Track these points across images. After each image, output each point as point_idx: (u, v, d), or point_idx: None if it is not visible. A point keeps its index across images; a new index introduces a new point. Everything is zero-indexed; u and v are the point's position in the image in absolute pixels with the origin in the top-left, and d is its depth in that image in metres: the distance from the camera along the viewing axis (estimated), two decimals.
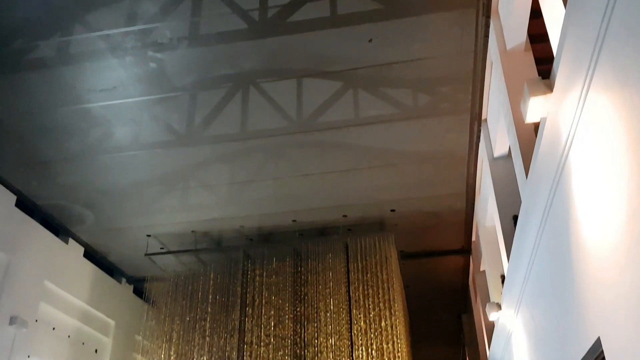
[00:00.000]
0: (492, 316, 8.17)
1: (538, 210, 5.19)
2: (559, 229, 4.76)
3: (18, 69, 7.45)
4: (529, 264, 6.16)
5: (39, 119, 8.35)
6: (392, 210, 10.83)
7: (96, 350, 12.40)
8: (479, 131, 8.69)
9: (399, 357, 9.87)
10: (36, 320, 10.31)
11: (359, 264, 10.73)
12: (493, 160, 8.24)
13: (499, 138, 7.85)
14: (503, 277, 9.08)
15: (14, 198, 9.90)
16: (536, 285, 6.12)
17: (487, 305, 8.25)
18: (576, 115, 3.89)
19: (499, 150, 8.09)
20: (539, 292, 5.99)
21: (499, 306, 8.02)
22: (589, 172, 3.80)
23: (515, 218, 6.77)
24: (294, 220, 11.13)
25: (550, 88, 4.42)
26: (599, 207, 3.66)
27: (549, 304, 5.55)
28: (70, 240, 11.56)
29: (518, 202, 6.24)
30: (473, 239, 12.06)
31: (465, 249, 12.65)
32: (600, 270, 3.78)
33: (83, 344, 11.96)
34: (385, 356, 9.82)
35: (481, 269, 11.64)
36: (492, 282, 9.53)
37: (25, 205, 10.27)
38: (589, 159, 3.78)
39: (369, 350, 9.92)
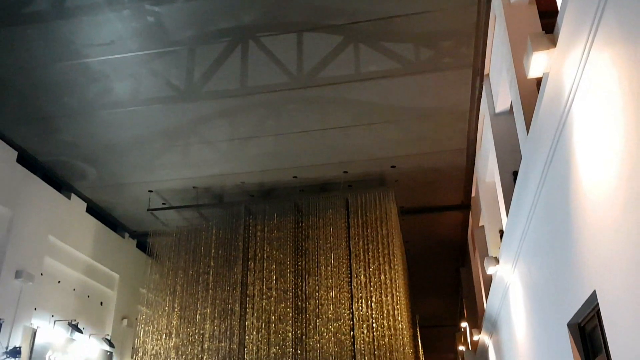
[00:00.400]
0: (490, 270, 8.31)
1: (538, 166, 5.21)
2: (558, 184, 4.79)
3: (14, 23, 7.33)
4: (527, 219, 6.22)
5: (38, 75, 8.28)
6: (393, 167, 10.86)
7: (101, 303, 12.67)
8: (481, 86, 8.63)
9: (397, 309, 10.08)
10: (41, 274, 10.50)
11: (359, 220, 10.83)
12: (494, 116, 8.21)
13: (500, 93, 7.80)
14: (501, 232, 9.19)
15: (15, 154, 9.92)
16: (534, 240, 6.20)
17: (485, 259, 8.38)
18: (579, 70, 3.86)
19: (501, 105, 8.05)
20: (537, 247, 6.08)
21: (497, 260, 8.14)
22: (590, 129, 3.80)
23: (515, 174, 6.80)
24: (294, 177, 11.17)
25: (553, 42, 4.37)
26: (599, 163, 3.67)
27: (546, 258, 5.64)
28: (73, 196, 11.65)
29: (518, 158, 6.25)
30: (473, 194, 12.13)
31: (465, 204, 12.74)
32: (597, 225, 3.83)
33: (88, 296, 12.21)
34: (384, 308, 10.03)
35: (480, 224, 11.76)
36: (491, 237, 9.65)
37: (26, 161, 10.30)
38: (590, 115, 3.77)
39: (369, 302, 10.12)
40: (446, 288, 18.64)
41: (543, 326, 6.06)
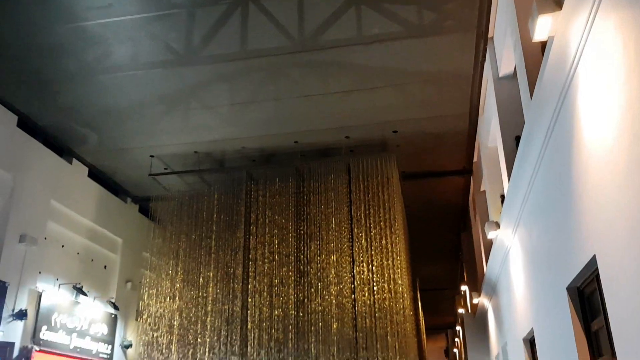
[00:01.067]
0: (491, 235, 8.36)
1: (541, 131, 5.17)
2: (560, 149, 4.77)
3: None
4: (529, 184, 6.22)
5: (37, 38, 8.17)
6: (395, 132, 10.81)
7: (105, 267, 12.81)
8: (485, 50, 8.51)
9: (398, 272, 10.18)
10: (45, 238, 10.58)
11: (361, 185, 10.83)
12: (498, 80, 8.12)
13: (504, 57, 7.69)
14: (503, 197, 9.20)
15: (15, 118, 9.88)
16: (535, 205, 6.21)
17: (486, 224, 8.42)
18: (585, 34, 3.79)
19: (504, 69, 7.95)
20: (538, 212, 6.09)
21: (497, 225, 8.18)
22: (594, 93, 3.76)
23: (518, 139, 6.77)
24: (295, 142, 11.13)
25: (559, 5, 4.28)
26: (602, 127, 3.65)
27: (547, 223, 5.66)
28: (74, 161, 11.65)
29: (521, 123, 6.21)
30: (474, 159, 12.11)
31: (467, 169, 12.73)
32: (599, 189, 3.83)
33: (92, 260, 12.33)
34: (385, 272, 10.12)
35: (481, 189, 11.78)
36: (492, 201, 9.67)
37: (27, 125, 10.26)
38: (595, 79, 3.72)
39: (370, 266, 10.21)
40: (447, 252, 18.80)
41: (542, 289, 6.13)
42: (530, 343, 7.68)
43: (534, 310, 6.75)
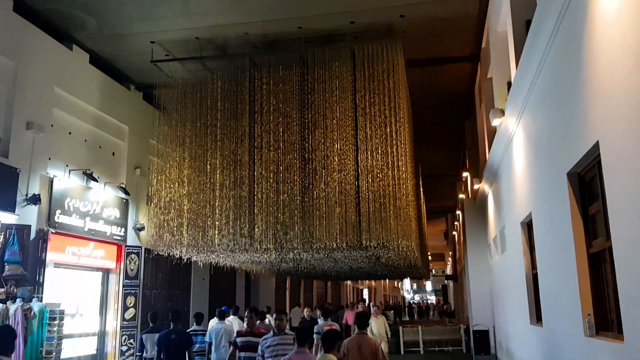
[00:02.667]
0: (495, 122, 8.40)
1: (553, 15, 5.03)
2: (572, 34, 4.67)
3: None
4: (537, 70, 6.16)
5: None
6: (402, 16, 10.47)
7: (113, 154, 13.02)
8: None
9: (402, 160, 10.33)
10: (52, 126, 10.67)
11: (366, 72, 10.66)
12: None
13: None
14: (509, 84, 9.14)
15: (10, 3, 9.58)
16: (541, 91, 6.19)
17: (491, 111, 8.43)
18: None
19: None
20: (544, 98, 6.09)
21: (502, 112, 8.19)
22: None
23: (528, 23, 6.58)
24: (299, 27, 10.83)
25: None
26: (616, 11, 3.55)
27: (552, 109, 5.68)
28: (75, 47, 11.43)
29: (533, 6, 6.01)
30: (483, 45, 11.83)
31: (474, 55, 12.48)
32: (607, 76, 3.81)
33: (100, 147, 12.51)
34: (388, 159, 10.26)
35: (488, 76, 11.64)
36: (498, 88, 9.61)
37: (23, 10, 9.95)
38: None
39: (374, 154, 10.33)
40: (450, 140, 18.92)
41: (542, 175, 6.29)
42: (528, 226, 8.00)
43: (533, 195, 6.96)
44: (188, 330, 8.95)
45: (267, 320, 12.74)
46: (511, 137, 8.31)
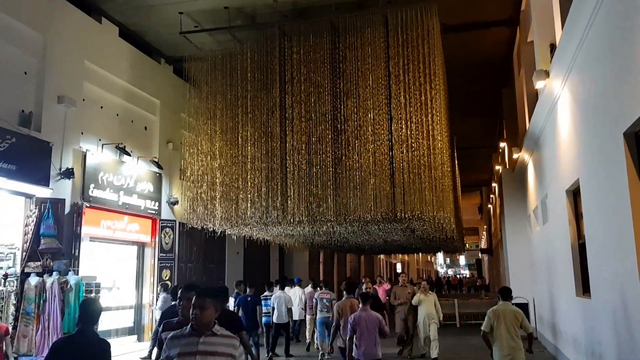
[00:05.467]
0: (539, 84, 7.97)
1: None
2: None
3: None
4: (586, 28, 5.75)
5: None
6: None
7: (145, 128, 12.99)
8: None
9: (437, 129, 9.98)
10: (83, 100, 10.65)
11: (399, 38, 10.26)
12: None
13: None
14: (552, 47, 8.68)
15: None
16: (591, 51, 5.78)
17: (535, 73, 8.00)
18: None
19: None
20: (594, 58, 5.68)
21: (547, 73, 7.75)
22: None
23: None
24: None
25: None
26: None
27: (604, 68, 5.29)
28: (104, 20, 11.34)
29: None
30: (522, 7, 11.28)
31: (513, 19, 11.92)
32: None
33: (132, 121, 12.48)
34: (423, 128, 9.92)
35: (528, 40, 11.10)
36: (541, 51, 9.12)
37: None
38: None
39: (408, 123, 10.00)
40: (485, 109, 18.31)
41: (593, 137, 5.90)
42: (574, 194, 7.62)
43: (581, 160, 6.58)
44: (261, 295, 10.86)
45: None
46: (555, 100, 7.88)
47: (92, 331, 3.86)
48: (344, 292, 7.82)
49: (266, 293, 11.33)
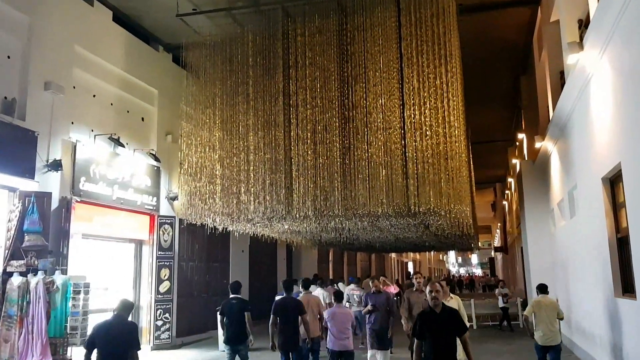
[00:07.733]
0: (571, 59, 7.15)
1: None
2: None
3: None
4: None
5: None
6: None
7: (142, 119, 12.29)
8: None
9: (454, 115, 9.18)
10: (74, 87, 9.96)
11: (412, 17, 9.47)
12: None
13: None
14: (580, 22, 7.87)
15: None
16: (635, 19, 4.96)
17: (566, 46, 7.16)
18: None
19: None
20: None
21: (580, 46, 6.92)
22: None
23: None
24: None
25: None
26: None
27: None
28: (96, 3, 10.65)
29: None
30: None
31: None
32: None
33: (128, 112, 11.79)
34: (439, 114, 9.13)
35: (552, 20, 10.26)
36: (568, 28, 8.28)
37: None
38: None
39: (422, 109, 9.21)
40: (502, 99, 17.43)
41: None
42: (611, 182, 6.78)
43: (624, 142, 5.75)
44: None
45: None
46: (589, 78, 7.05)
47: (125, 317, 5.33)
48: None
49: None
